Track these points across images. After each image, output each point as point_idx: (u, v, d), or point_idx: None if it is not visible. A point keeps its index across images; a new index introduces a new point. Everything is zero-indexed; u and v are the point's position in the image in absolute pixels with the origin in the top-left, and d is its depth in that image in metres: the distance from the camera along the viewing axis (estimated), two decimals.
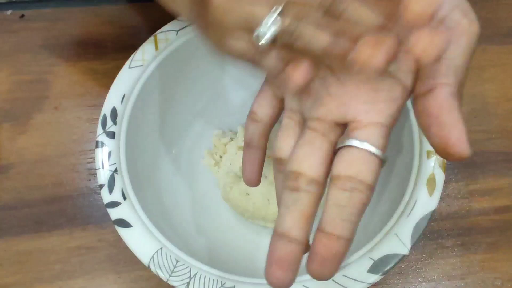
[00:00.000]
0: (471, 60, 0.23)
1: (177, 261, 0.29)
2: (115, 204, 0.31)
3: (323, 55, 0.21)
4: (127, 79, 0.34)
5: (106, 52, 0.46)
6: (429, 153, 0.31)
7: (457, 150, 0.21)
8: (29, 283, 0.38)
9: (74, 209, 0.41)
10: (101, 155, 0.32)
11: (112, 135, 0.33)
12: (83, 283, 0.38)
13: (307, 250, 0.22)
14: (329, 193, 0.22)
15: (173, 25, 0.36)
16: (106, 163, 0.32)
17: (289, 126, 0.25)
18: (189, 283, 0.28)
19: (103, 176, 0.32)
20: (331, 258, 0.21)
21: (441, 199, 0.30)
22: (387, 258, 0.29)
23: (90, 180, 0.42)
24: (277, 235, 0.22)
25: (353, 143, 0.22)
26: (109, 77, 0.34)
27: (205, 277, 0.29)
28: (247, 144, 0.28)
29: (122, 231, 0.30)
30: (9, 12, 0.49)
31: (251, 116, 0.27)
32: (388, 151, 0.23)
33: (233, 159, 0.39)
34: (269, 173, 0.37)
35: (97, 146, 0.32)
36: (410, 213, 0.30)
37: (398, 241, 0.29)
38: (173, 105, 0.39)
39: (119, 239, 0.30)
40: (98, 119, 0.33)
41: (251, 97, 0.29)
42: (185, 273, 0.29)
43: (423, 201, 0.30)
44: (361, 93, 0.23)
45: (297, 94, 0.25)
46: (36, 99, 0.45)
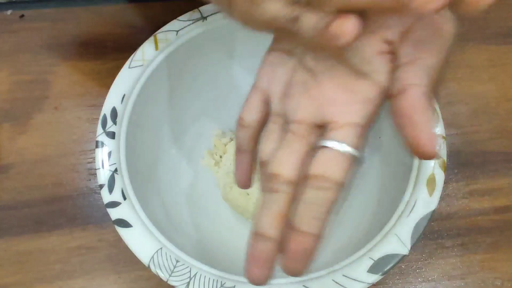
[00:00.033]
0: (448, 59, 0.23)
1: (177, 261, 0.29)
2: (115, 204, 0.31)
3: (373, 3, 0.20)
4: (127, 79, 0.34)
5: (106, 52, 0.46)
6: None
7: (427, 149, 0.21)
8: (29, 283, 0.38)
9: (74, 209, 0.41)
10: (101, 155, 0.32)
11: (112, 135, 0.33)
12: (83, 283, 0.38)
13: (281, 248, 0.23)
14: (301, 191, 0.23)
15: (173, 25, 0.36)
16: (106, 163, 0.32)
17: (272, 130, 0.25)
18: (189, 283, 0.28)
19: (103, 176, 0.32)
20: (301, 254, 0.22)
21: (441, 199, 0.30)
22: (387, 258, 0.29)
23: (90, 180, 0.42)
24: (254, 235, 0.23)
25: (327, 143, 0.22)
26: (109, 77, 0.34)
27: (205, 277, 0.29)
28: (238, 148, 0.28)
29: (122, 231, 0.30)
30: (9, 12, 0.49)
31: (239, 122, 0.28)
32: (388, 151, 0.23)
33: (233, 159, 0.39)
34: None
35: (97, 146, 0.32)
36: (410, 213, 0.30)
37: (398, 241, 0.29)
38: (173, 105, 0.39)
39: (119, 239, 0.30)
40: (98, 119, 0.33)
41: None
42: (185, 273, 0.29)
43: (423, 201, 0.30)
44: (338, 95, 0.23)
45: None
46: (36, 99, 0.45)
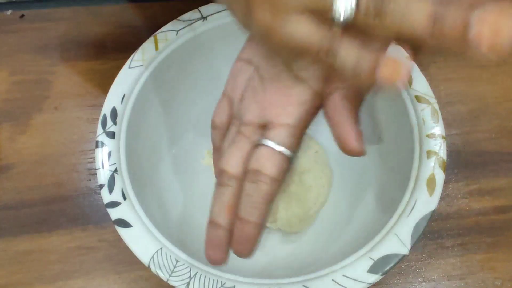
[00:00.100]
0: None
1: (177, 261, 0.29)
2: (115, 204, 0.31)
3: (424, 35, 0.16)
4: (127, 79, 0.34)
5: (106, 52, 0.46)
6: (429, 153, 0.31)
7: (352, 146, 0.24)
8: (29, 283, 0.38)
9: (74, 209, 0.41)
10: (101, 155, 0.32)
11: (112, 135, 0.33)
12: (83, 283, 0.38)
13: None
14: (242, 184, 0.25)
15: (173, 25, 0.36)
16: (106, 163, 0.32)
17: (231, 131, 0.28)
18: (189, 283, 0.28)
19: (103, 176, 0.32)
20: (244, 239, 0.25)
21: (441, 199, 0.30)
22: (387, 258, 0.29)
23: (90, 180, 0.42)
24: (209, 222, 0.26)
25: (262, 142, 0.25)
26: (109, 77, 0.34)
27: (205, 277, 0.29)
28: (214, 148, 0.31)
29: (122, 231, 0.30)
30: (9, 12, 0.49)
31: (212, 124, 0.30)
32: (388, 151, 0.23)
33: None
34: None
35: (97, 146, 0.32)
36: (410, 213, 0.30)
37: (398, 241, 0.29)
38: (173, 105, 0.39)
39: (119, 239, 0.30)
40: (98, 119, 0.33)
41: None
42: (185, 273, 0.29)
43: (423, 201, 0.30)
44: (276, 99, 0.26)
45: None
46: (36, 99, 0.45)
